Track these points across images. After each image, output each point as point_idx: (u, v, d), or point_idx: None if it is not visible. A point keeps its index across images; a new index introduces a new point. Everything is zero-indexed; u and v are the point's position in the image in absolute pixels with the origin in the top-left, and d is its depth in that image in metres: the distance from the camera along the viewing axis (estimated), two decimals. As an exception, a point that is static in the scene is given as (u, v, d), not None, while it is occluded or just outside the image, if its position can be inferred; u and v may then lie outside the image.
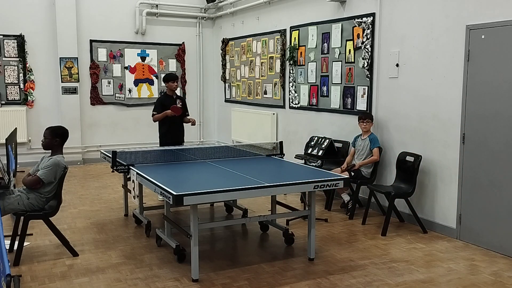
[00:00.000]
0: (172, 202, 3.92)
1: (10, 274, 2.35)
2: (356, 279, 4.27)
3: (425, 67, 5.69)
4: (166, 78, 7.03)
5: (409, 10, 5.88)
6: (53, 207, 4.74)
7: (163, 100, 7.00)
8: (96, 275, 4.36)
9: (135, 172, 4.91)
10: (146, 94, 10.50)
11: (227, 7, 10.26)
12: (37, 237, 5.34)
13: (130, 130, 10.38)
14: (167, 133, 6.92)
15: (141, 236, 5.47)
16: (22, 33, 9.29)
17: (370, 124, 6.23)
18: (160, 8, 10.44)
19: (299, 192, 6.28)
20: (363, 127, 6.23)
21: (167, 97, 7.03)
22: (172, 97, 6.98)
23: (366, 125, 6.21)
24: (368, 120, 6.22)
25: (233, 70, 10.24)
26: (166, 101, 6.94)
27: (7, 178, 4.73)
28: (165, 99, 7.02)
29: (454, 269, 4.50)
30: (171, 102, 6.91)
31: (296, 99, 8.10)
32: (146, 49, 10.42)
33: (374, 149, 6.11)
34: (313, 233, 4.73)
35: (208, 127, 11.35)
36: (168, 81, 6.96)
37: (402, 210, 5.94)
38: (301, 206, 6.51)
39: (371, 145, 6.13)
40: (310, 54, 7.65)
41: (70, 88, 9.69)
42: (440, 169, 5.54)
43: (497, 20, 4.83)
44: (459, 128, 5.27)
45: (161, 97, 7.22)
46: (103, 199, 7.16)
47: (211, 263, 4.65)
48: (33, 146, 9.38)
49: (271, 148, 6.60)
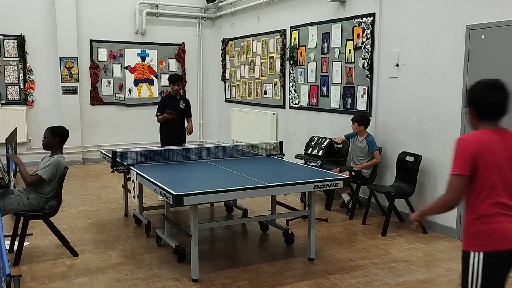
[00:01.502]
0: (172, 202, 3.92)
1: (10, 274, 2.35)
2: (356, 279, 4.27)
3: (425, 67, 5.69)
4: (168, 79, 7.00)
5: (409, 10, 5.88)
6: (53, 207, 4.74)
7: (166, 101, 7.00)
8: (96, 275, 4.36)
9: (135, 172, 4.91)
10: (146, 94, 10.50)
11: (227, 7, 10.26)
12: (37, 237, 5.34)
13: (130, 130, 10.38)
14: (168, 132, 6.92)
15: (141, 236, 5.46)
16: (22, 33, 9.29)
17: (358, 128, 6.17)
18: (160, 8, 10.44)
19: (299, 192, 6.28)
20: (351, 128, 6.25)
21: (171, 98, 7.01)
22: (175, 98, 6.96)
23: (353, 127, 6.21)
24: (355, 123, 6.18)
25: (233, 70, 10.24)
26: (168, 102, 6.93)
27: (7, 178, 4.74)
28: (168, 100, 7.01)
29: (454, 269, 4.50)
30: (173, 103, 6.88)
31: (296, 99, 8.10)
32: (146, 49, 10.42)
33: (375, 152, 6.09)
34: (313, 233, 4.73)
35: (208, 127, 11.35)
36: (169, 83, 6.95)
37: (402, 210, 5.94)
38: (301, 206, 6.50)
39: (369, 148, 6.11)
40: (310, 54, 7.65)
41: (70, 88, 9.69)
42: (440, 169, 5.54)
43: (497, 20, 4.83)
44: (459, 128, 5.27)
45: (164, 98, 7.21)
46: (103, 199, 7.16)
47: (211, 263, 4.65)
48: (33, 146, 9.38)
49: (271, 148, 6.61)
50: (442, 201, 2.51)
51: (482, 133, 2.48)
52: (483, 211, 2.44)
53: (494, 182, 2.43)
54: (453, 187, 2.45)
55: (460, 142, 2.49)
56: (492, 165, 2.43)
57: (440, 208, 2.55)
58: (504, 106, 2.48)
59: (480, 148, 2.43)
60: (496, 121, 2.51)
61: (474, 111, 2.52)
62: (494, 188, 2.43)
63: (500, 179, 2.44)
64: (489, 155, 2.43)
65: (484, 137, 2.46)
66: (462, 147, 2.47)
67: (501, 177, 2.44)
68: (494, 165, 2.43)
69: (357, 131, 6.22)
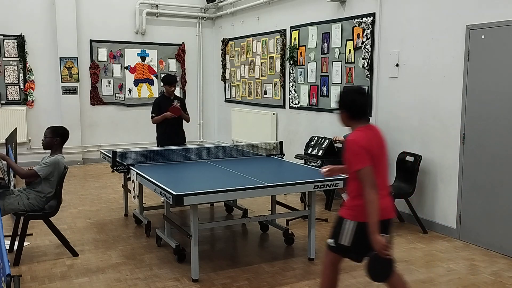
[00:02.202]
0: (172, 202, 3.93)
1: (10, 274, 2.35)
2: (356, 279, 4.27)
3: (425, 67, 5.69)
4: (163, 81, 6.90)
5: (409, 10, 5.88)
6: (53, 207, 4.74)
7: (160, 102, 6.90)
8: (96, 275, 4.36)
9: (135, 172, 4.91)
10: (146, 94, 10.50)
11: (227, 7, 10.26)
12: (37, 237, 5.34)
13: (130, 130, 10.37)
14: (164, 134, 6.82)
15: (141, 236, 5.47)
16: (22, 33, 9.29)
17: None
18: (160, 8, 10.44)
19: (299, 192, 6.28)
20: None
21: (164, 98, 6.93)
22: (169, 98, 6.90)
23: None
24: None
25: (233, 70, 10.24)
26: (163, 103, 6.84)
27: (7, 178, 4.73)
28: (162, 100, 6.93)
29: (454, 269, 4.50)
30: (168, 103, 6.82)
31: (296, 99, 8.10)
32: (146, 49, 10.42)
33: None
34: (313, 233, 4.73)
35: (208, 127, 11.35)
36: (164, 85, 6.87)
37: (402, 210, 5.94)
38: (301, 206, 6.50)
39: None
40: (310, 54, 7.65)
41: (70, 88, 9.69)
42: (440, 169, 5.54)
43: (497, 20, 4.83)
44: (459, 128, 5.27)
45: (158, 98, 7.14)
46: (103, 199, 7.16)
47: (211, 263, 4.65)
48: (33, 146, 9.37)
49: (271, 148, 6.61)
50: (372, 197, 2.91)
51: (362, 131, 3.06)
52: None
53: (379, 168, 3.02)
54: (368, 177, 2.94)
55: (352, 142, 3.01)
56: (376, 154, 3.01)
57: (377, 205, 2.92)
58: (367, 108, 3.21)
59: (368, 143, 3.00)
60: (364, 119, 3.14)
61: (346, 113, 3.13)
62: (379, 173, 3.02)
63: (380, 165, 3.04)
64: (374, 147, 3.02)
65: (366, 134, 3.04)
66: (356, 146, 2.99)
67: (381, 163, 3.05)
68: (378, 155, 3.02)
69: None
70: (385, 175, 3.15)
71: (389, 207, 3.13)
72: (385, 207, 3.05)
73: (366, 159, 2.94)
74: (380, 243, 2.91)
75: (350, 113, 3.11)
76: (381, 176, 3.06)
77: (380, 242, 2.91)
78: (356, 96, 3.12)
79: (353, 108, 3.10)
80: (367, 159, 2.94)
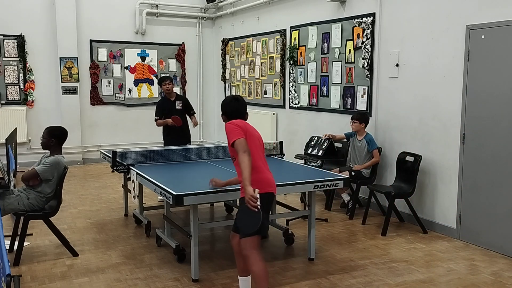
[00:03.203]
0: (172, 202, 3.92)
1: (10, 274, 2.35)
2: (356, 279, 4.27)
3: (425, 67, 5.69)
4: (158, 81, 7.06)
5: (409, 10, 5.88)
6: (53, 207, 4.74)
7: (162, 104, 7.00)
8: (96, 275, 4.36)
9: (135, 172, 4.91)
10: (146, 94, 10.50)
11: (227, 7, 10.26)
12: (37, 237, 5.34)
13: (130, 130, 10.38)
14: (169, 134, 6.95)
15: (141, 236, 5.47)
16: (22, 33, 9.29)
17: (359, 126, 6.20)
18: (160, 8, 10.44)
19: (299, 192, 6.28)
20: (351, 127, 6.25)
21: (166, 100, 7.00)
22: (170, 100, 6.94)
23: (353, 125, 6.21)
24: (356, 121, 6.19)
25: (233, 70, 10.24)
26: (164, 105, 6.93)
27: (7, 178, 4.73)
28: (164, 102, 7.01)
29: (454, 269, 4.50)
30: (169, 105, 6.88)
31: (296, 99, 8.10)
32: (146, 49, 10.42)
33: (374, 151, 6.10)
34: (313, 233, 4.73)
35: (208, 127, 11.35)
36: (159, 84, 6.98)
37: (402, 210, 5.94)
38: (301, 206, 6.50)
39: (369, 147, 6.12)
40: (310, 54, 7.65)
41: (70, 88, 9.69)
42: (440, 169, 5.54)
43: (497, 20, 4.83)
44: (459, 128, 5.27)
45: (160, 101, 7.20)
46: (103, 199, 7.16)
47: (211, 263, 4.65)
48: (33, 146, 9.38)
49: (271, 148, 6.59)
50: (246, 161, 3.31)
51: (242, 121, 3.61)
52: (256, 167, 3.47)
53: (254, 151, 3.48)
54: (242, 146, 3.38)
55: (230, 124, 3.51)
56: (250, 136, 3.52)
57: (248, 164, 3.31)
58: (244, 111, 3.72)
59: (243, 126, 3.52)
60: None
61: (228, 117, 3.66)
62: (256, 155, 3.50)
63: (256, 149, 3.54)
64: (248, 130, 3.53)
65: (243, 122, 3.59)
66: (232, 124, 3.50)
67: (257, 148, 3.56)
68: (252, 138, 3.53)
69: (357, 129, 6.22)
70: (263, 159, 3.63)
71: (272, 182, 3.62)
72: (268, 181, 3.57)
73: (240, 133, 3.43)
74: (251, 194, 3.23)
75: (230, 117, 3.65)
76: (259, 159, 3.56)
77: (251, 193, 3.23)
78: (234, 102, 3.72)
79: (233, 112, 3.68)
80: (241, 133, 3.43)
